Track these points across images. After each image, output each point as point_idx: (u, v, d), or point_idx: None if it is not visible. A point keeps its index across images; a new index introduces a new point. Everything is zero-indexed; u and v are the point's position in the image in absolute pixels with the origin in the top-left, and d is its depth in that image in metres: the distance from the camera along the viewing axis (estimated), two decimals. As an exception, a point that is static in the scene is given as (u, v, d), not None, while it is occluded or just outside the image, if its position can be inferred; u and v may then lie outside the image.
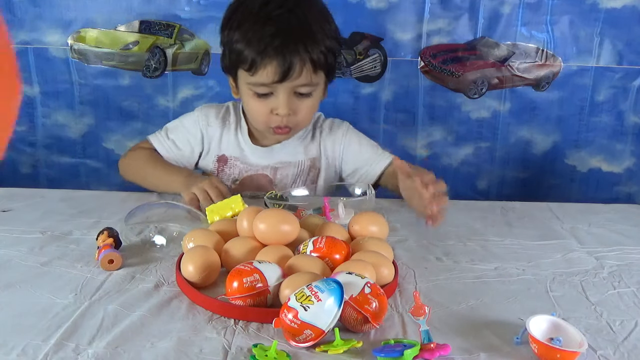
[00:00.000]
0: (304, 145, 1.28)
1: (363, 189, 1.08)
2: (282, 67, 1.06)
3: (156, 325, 0.69)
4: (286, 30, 1.07)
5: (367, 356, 0.63)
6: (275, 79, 1.08)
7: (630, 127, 1.82)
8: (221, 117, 1.28)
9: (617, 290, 0.81)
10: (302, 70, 1.08)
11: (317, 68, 1.10)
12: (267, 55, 1.06)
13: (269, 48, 1.06)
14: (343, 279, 0.67)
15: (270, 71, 1.07)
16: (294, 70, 1.07)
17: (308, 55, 1.07)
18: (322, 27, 1.11)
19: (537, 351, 0.63)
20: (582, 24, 1.72)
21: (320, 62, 1.10)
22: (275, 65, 1.07)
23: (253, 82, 1.10)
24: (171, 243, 0.91)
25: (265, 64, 1.07)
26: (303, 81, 1.10)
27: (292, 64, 1.06)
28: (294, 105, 1.13)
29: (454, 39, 1.76)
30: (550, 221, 1.09)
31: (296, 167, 1.27)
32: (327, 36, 1.11)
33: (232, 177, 1.28)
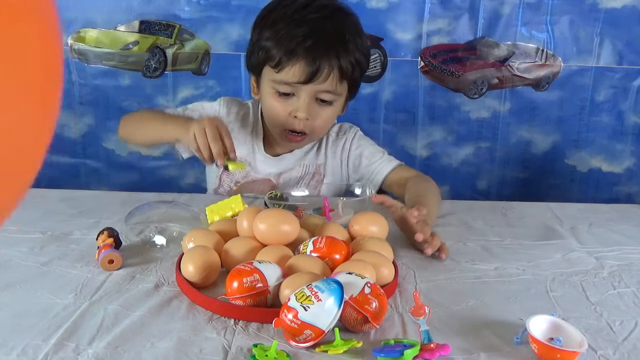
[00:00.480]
0: (311, 150, 1.27)
1: (363, 189, 1.08)
2: (309, 68, 1.05)
3: (156, 325, 0.69)
4: (320, 34, 1.06)
5: (367, 356, 0.63)
6: (301, 79, 1.07)
7: (630, 127, 1.82)
8: (242, 115, 1.26)
9: (617, 290, 0.81)
10: (329, 75, 1.07)
11: (344, 77, 1.09)
12: (297, 54, 1.05)
13: (300, 48, 1.05)
14: (343, 279, 0.67)
15: (297, 70, 1.06)
16: (321, 74, 1.06)
17: (337, 62, 1.07)
18: (355, 39, 1.10)
19: (537, 351, 0.63)
20: (582, 24, 1.73)
21: (347, 72, 1.09)
22: (304, 66, 1.06)
23: (278, 79, 1.09)
24: (171, 243, 0.91)
25: (293, 63, 1.06)
26: (327, 87, 1.09)
27: (320, 67, 1.06)
28: (314, 111, 1.12)
29: (454, 39, 1.76)
30: (550, 221, 1.09)
31: (300, 171, 1.26)
32: (358, 49, 1.10)
33: (235, 180, 1.27)
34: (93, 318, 0.70)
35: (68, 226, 0.99)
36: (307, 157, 1.27)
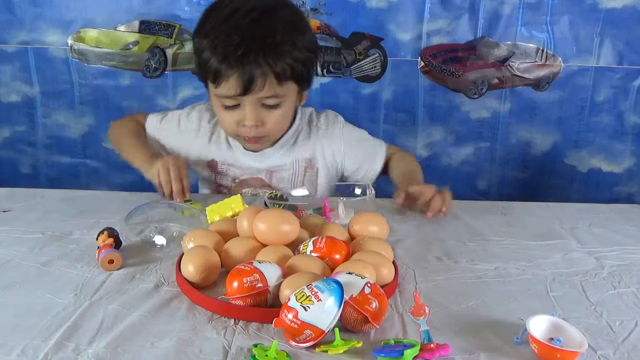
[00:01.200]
0: (297, 144, 1.25)
1: (363, 189, 1.08)
2: (243, 80, 1.05)
3: (156, 325, 0.69)
4: (249, 41, 1.04)
5: (367, 356, 0.63)
6: (238, 92, 1.06)
7: (630, 127, 1.82)
8: (213, 122, 1.26)
9: (617, 290, 0.81)
10: (264, 83, 1.06)
11: (282, 80, 1.07)
12: (229, 67, 1.04)
13: (231, 59, 1.04)
14: (343, 279, 0.67)
15: (233, 84, 1.05)
16: (256, 84, 1.05)
17: (270, 69, 1.05)
18: (291, 38, 1.07)
19: (537, 351, 0.63)
20: (582, 24, 1.73)
21: (285, 74, 1.07)
22: (236, 78, 1.05)
23: (218, 94, 1.10)
24: (171, 243, 0.91)
25: (227, 77, 1.05)
26: (267, 93, 1.07)
27: (252, 77, 1.04)
28: (262, 117, 1.11)
29: (454, 39, 1.77)
30: (550, 221, 1.09)
31: (291, 170, 1.25)
32: (297, 47, 1.07)
33: (232, 176, 1.27)
34: (93, 318, 0.70)
35: (68, 226, 0.99)
36: (295, 151, 1.25)
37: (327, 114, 1.30)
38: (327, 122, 1.28)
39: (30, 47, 1.77)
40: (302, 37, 1.10)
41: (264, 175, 1.25)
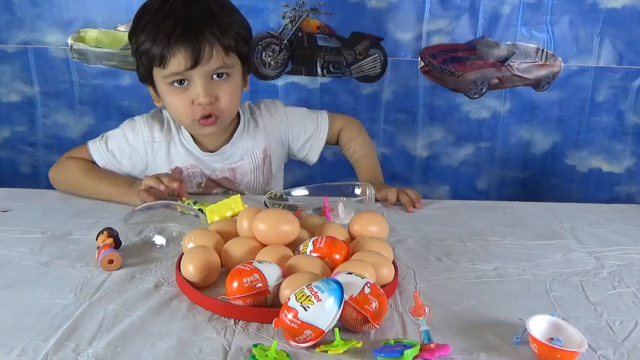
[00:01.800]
0: (250, 137, 1.28)
1: (363, 189, 1.08)
2: (190, 52, 1.07)
3: (156, 325, 0.69)
4: (188, 18, 1.08)
5: (367, 356, 0.63)
6: (188, 65, 1.08)
7: (630, 127, 1.82)
8: (165, 129, 1.25)
9: (617, 290, 0.81)
10: (211, 52, 1.08)
11: (229, 50, 1.11)
12: (174, 44, 1.07)
13: (173, 37, 1.07)
14: (343, 279, 0.67)
15: (181, 59, 1.08)
16: (204, 54, 1.08)
17: (216, 39, 1.09)
18: (227, 15, 1.12)
19: (537, 351, 0.63)
20: (582, 24, 1.72)
21: (230, 45, 1.11)
22: (184, 52, 1.07)
23: (167, 74, 1.10)
24: (171, 243, 0.91)
25: (174, 53, 1.07)
26: (216, 64, 1.10)
27: (199, 48, 1.07)
28: (214, 91, 1.13)
29: (454, 39, 1.76)
30: (550, 221, 1.09)
31: (251, 162, 1.28)
32: (234, 23, 1.13)
33: (196, 182, 1.27)
34: (93, 318, 0.70)
35: (68, 226, 0.99)
36: (249, 146, 1.27)
37: (265, 102, 1.34)
38: (268, 108, 1.32)
39: (30, 47, 1.77)
40: (236, 15, 1.15)
41: (228, 173, 1.27)
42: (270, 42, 1.74)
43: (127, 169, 1.25)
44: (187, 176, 1.26)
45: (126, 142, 1.25)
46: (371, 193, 1.05)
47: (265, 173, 1.31)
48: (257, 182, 1.31)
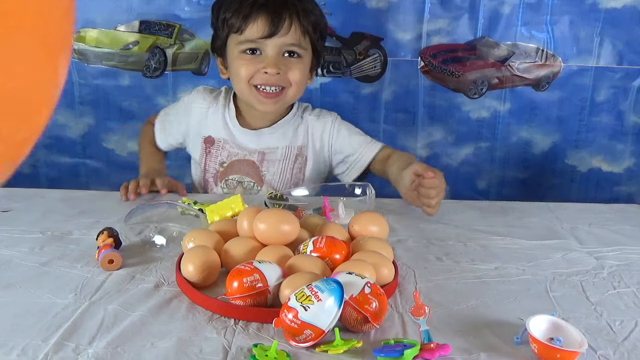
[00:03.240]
0: (292, 130, 1.27)
1: (363, 189, 1.08)
2: (271, 21, 1.09)
3: (156, 325, 0.69)
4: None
5: (367, 356, 0.63)
6: (265, 33, 1.10)
7: (630, 127, 1.82)
8: (212, 97, 1.29)
9: (617, 290, 0.81)
10: (290, 26, 1.11)
11: (305, 33, 1.13)
12: (256, 11, 1.10)
13: (257, 5, 1.10)
14: (343, 279, 0.67)
15: (259, 26, 1.10)
16: (282, 25, 1.10)
17: (296, 16, 1.11)
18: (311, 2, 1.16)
19: (537, 351, 0.63)
20: (582, 24, 1.72)
21: (307, 29, 1.13)
22: (264, 20, 1.09)
23: (242, 39, 1.12)
24: (171, 243, 0.91)
25: (253, 20, 1.10)
26: (292, 40, 1.12)
27: (280, 19, 1.09)
28: (284, 64, 1.14)
29: (454, 39, 1.76)
30: (550, 221, 1.09)
31: (283, 154, 1.27)
32: (316, 11, 1.15)
33: (220, 160, 1.28)
34: (93, 318, 0.70)
35: (68, 226, 0.99)
36: (287, 137, 1.27)
37: (322, 110, 1.33)
38: (320, 113, 1.31)
39: (30, 47, 1.77)
40: (318, 8, 1.18)
41: (256, 157, 1.26)
42: (270, 42, 1.74)
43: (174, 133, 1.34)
44: (216, 149, 1.27)
45: (177, 108, 1.35)
46: (371, 193, 1.05)
47: (294, 172, 1.28)
48: (284, 176, 1.28)
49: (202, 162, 1.30)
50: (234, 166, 1.27)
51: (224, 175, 1.27)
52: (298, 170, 1.29)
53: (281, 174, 1.28)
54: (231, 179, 1.27)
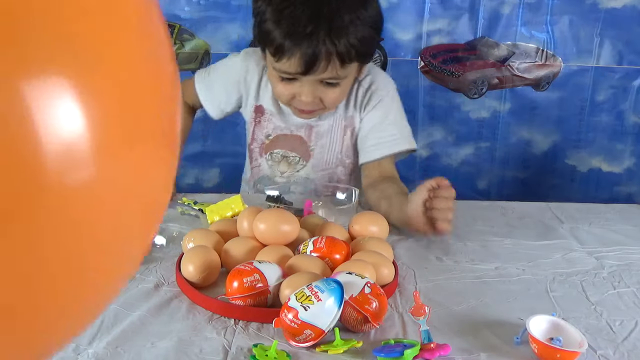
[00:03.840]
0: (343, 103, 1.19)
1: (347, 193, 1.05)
2: (305, 60, 1.00)
3: (156, 325, 0.69)
4: (317, 19, 0.97)
5: (367, 356, 0.63)
6: (299, 70, 1.02)
7: (630, 127, 1.82)
8: (262, 64, 1.19)
9: (617, 290, 0.81)
10: (327, 65, 1.01)
11: (345, 62, 1.03)
12: (294, 44, 0.99)
13: (296, 36, 0.98)
14: (343, 279, 0.67)
15: (294, 63, 1.01)
16: (318, 66, 1.01)
17: (335, 50, 0.99)
18: (357, 14, 1.00)
19: (537, 351, 0.63)
20: (582, 24, 1.73)
21: (350, 56, 1.02)
22: (299, 57, 1.00)
23: (277, 68, 1.05)
24: (171, 243, 0.91)
25: (290, 54, 1.00)
26: (329, 75, 1.03)
27: (316, 58, 0.99)
28: (320, 93, 1.08)
29: (454, 39, 1.76)
30: (550, 221, 1.09)
31: (330, 125, 1.20)
32: (363, 23, 1.01)
33: (266, 132, 1.23)
34: (93, 318, 0.70)
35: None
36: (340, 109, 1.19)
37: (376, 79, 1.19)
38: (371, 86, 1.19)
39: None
40: (366, 12, 1.02)
41: (303, 132, 1.21)
42: (270, 42, 1.74)
43: (222, 98, 1.24)
44: (265, 121, 1.22)
45: (224, 69, 1.24)
46: (356, 199, 1.02)
47: (345, 143, 1.21)
48: (333, 148, 1.21)
49: (250, 130, 1.25)
50: (279, 140, 1.22)
51: (269, 148, 1.23)
52: (349, 142, 1.21)
53: (330, 146, 1.22)
54: (276, 153, 1.23)
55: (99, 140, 0.28)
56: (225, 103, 1.24)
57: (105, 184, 0.29)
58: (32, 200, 0.26)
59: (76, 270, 0.29)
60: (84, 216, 0.28)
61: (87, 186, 0.28)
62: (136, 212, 0.32)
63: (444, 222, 0.91)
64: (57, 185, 0.26)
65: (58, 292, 0.29)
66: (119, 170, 0.30)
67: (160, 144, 0.33)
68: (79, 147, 0.27)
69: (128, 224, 0.32)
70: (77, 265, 0.29)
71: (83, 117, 0.27)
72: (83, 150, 0.27)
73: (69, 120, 0.27)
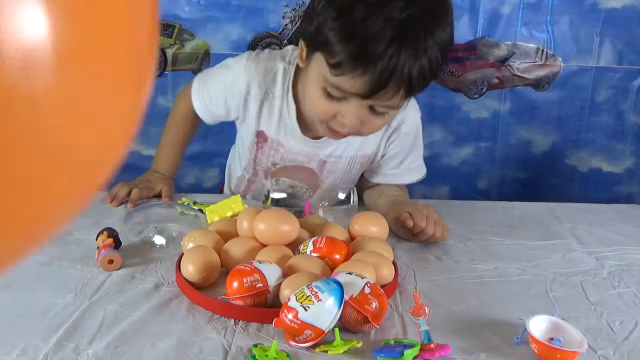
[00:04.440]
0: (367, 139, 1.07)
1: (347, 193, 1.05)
2: (372, 86, 0.84)
3: (156, 325, 0.69)
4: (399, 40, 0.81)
5: (367, 356, 0.63)
6: (360, 93, 0.86)
7: (630, 127, 1.82)
8: (265, 86, 1.04)
9: (617, 290, 0.81)
10: (394, 94, 0.86)
11: (412, 93, 0.90)
12: (362, 66, 0.83)
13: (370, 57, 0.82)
14: (343, 279, 0.67)
15: (359, 84, 0.85)
16: (386, 92, 0.85)
17: (408, 77, 0.84)
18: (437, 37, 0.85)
19: (537, 351, 0.63)
20: (582, 24, 1.73)
21: (420, 86, 0.88)
22: (368, 81, 0.84)
23: (331, 81, 0.87)
24: (171, 243, 0.91)
25: (356, 74, 0.84)
26: (388, 103, 0.89)
27: (388, 85, 0.84)
28: (364, 118, 0.92)
29: (454, 39, 1.76)
30: (550, 221, 1.09)
31: (347, 162, 1.11)
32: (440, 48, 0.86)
33: (272, 160, 1.12)
34: (93, 318, 0.70)
35: (68, 226, 0.99)
36: (358, 145, 1.09)
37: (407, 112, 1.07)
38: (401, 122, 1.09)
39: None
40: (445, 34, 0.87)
41: (315, 165, 1.10)
42: (270, 42, 1.75)
43: (221, 113, 1.11)
44: (269, 149, 1.10)
45: (224, 82, 1.09)
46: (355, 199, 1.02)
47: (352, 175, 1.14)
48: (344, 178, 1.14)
49: (252, 152, 1.13)
50: (287, 170, 1.12)
51: (275, 175, 1.14)
52: (356, 174, 1.15)
53: (342, 177, 1.14)
54: (282, 181, 1.14)
55: (60, 47, 0.26)
56: (223, 117, 1.14)
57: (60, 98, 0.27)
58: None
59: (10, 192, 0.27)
60: (33, 127, 0.26)
61: (42, 96, 0.26)
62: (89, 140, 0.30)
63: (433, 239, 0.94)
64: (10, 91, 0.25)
65: None
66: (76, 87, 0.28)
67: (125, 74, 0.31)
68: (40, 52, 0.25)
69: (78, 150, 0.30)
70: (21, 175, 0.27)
71: (47, 19, 0.25)
72: (43, 58, 0.25)
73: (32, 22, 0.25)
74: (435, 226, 0.94)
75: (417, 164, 1.16)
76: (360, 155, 1.11)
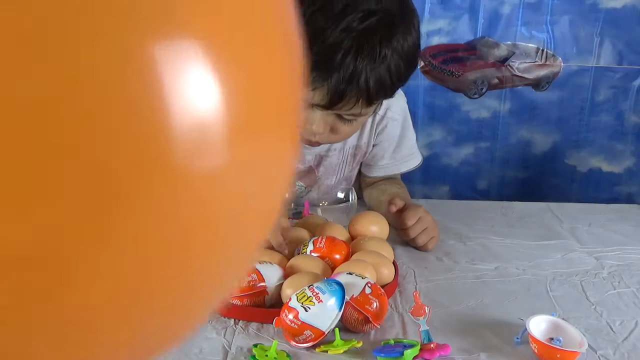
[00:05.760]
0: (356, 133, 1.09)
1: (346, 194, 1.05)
2: (330, 96, 0.85)
3: (156, 325, 0.68)
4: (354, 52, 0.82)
5: (367, 356, 0.63)
6: (321, 103, 0.87)
7: (630, 127, 1.82)
8: None
9: (617, 290, 0.81)
10: (353, 104, 0.87)
11: (374, 102, 0.91)
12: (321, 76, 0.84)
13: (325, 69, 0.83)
14: (343, 279, 0.67)
15: (318, 95, 0.86)
16: (342, 104, 0.87)
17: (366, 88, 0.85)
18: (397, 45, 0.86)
19: (537, 351, 0.63)
20: (582, 24, 1.72)
21: (379, 95, 0.89)
22: (325, 93, 0.85)
23: None
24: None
25: (316, 84, 0.85)
26: (350, 111, 0.90)
27: (343, 96, 0.85)
28: (333, 125, 0.94)
29: (454, 39, 1.76)
30: (550, 221, 1.09)
31: (341, 154, 1.12)
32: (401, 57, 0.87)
33: None
34: (93, 318, 0.69)
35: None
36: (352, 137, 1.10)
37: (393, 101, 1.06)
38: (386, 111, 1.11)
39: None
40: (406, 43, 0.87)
41: (313, 161, 1.12)
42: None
43: None
44: None
45: None
46: (354, 199, 1.02)
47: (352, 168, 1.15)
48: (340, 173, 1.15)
49: None
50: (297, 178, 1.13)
51: None
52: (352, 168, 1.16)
53: (337, 172, 1.15)
54: None
55: (234, 119, 0.23)
56: None
57: (232, 174, 0.24)
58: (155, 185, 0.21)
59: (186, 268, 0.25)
60: (204, 210, 0.24)
61: (215, 175, 0.23)
62: (255, 211, 0.28)
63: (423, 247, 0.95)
64: (184, 170, 0.22)
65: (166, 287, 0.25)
66: (247, 162, 0.25)
67: (285, 137, 0.29)
68: (213, 126, 0.23)
69: (245, 224, 0.27)
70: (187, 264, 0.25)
71: (219, 90, 0.23)
72: (217, 131, 0.23)
73: (204, 93, 0.22)
74: (422, 233, 0.94)
75: (412, 151, 1.17)
76: (352, 146, 1.13)
